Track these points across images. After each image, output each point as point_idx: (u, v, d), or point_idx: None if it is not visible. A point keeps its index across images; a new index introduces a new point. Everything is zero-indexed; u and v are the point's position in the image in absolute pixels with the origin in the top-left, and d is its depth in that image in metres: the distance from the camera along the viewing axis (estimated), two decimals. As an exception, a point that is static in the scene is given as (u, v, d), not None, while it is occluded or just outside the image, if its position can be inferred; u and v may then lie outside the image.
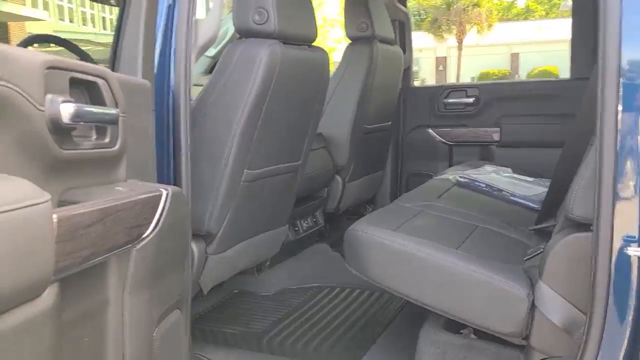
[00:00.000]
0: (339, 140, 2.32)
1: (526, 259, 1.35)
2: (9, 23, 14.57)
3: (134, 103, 1.03)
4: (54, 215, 0.66)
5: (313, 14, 1.66)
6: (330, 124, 2.31)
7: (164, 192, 0.96)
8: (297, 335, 1.66)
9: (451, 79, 25.02)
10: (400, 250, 1.32)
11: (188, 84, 1.26)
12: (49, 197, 0.65)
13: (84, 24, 18.38)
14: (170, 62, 1.24)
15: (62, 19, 17.19)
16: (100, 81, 0.89)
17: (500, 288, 1.21)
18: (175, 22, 1.24)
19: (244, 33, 1.50)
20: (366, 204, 2.77)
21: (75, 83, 0.84)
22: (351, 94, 2.28)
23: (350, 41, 2.37)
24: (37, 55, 0.76)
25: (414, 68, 3.18)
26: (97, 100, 0.89)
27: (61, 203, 0.80)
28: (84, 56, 1.90)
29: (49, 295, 0.68)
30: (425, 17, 25.83)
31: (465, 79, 24.17)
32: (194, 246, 1.49)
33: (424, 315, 1.41)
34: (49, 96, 0.75)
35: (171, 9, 1.24)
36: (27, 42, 2.03)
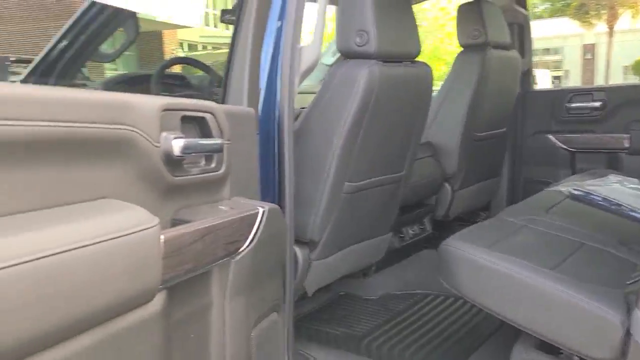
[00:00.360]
0: (448, 148, 2.33)
1: (629, 283, 1.29)
2: (163, 31, 16.19)
3: (239, 129, 1.17)
4: (162, 237, 0.82)
5: (415, 31, 1.71)
6: (439, 132, 2.33)
7: (261, 210, 1.09)
8: (395, 340, 1.73)
9: (600, 68, 22.99)
10: (491, 268, 1.34)
11: (291, 108, 1.38)
12: (158, 221, 0.81)
13: (226, 29, 19.78)
14: (276, 88, 1.38)
15: (207, 25, 18.67)
16: (207, 115, 1.05)
17: (592, 312, 1.18)
18: (281, 50, 1.38)
19: (346, 54, 1.60)
20: (480, 211, 2.74)
21: (187, 119, 1.00)
22: (461, 103, 2.27)
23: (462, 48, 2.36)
24: (155, 100, 0.92)
25: (556, 57, 3.04)
26: (206, 132, 1.05)
27: (173, 221, 0.97)
28: (213, 74, 2.13)
29: (158, 301, 0.83)
30: (570, 1, 23.97)
31: (617, 68, 22.09)
32: (298, 252, 1.63)
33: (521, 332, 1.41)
34: (163, 134, 0.91)
35: (278, 40, 1.38)
36: (169, 64, 2.32)
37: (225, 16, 1.87)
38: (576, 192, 1.94)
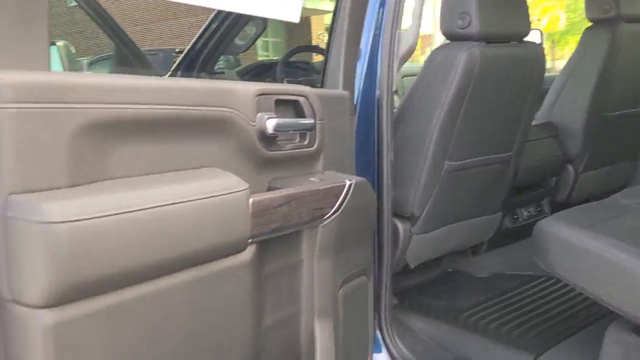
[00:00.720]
0: (571, 129, 2.24)
1: None
2: (311, 17, 16.83)
3: (333, 111, 1.31)
4: (250, 199, 0.99)
5: (525, 11, 1.70)
6: (563, 112, 2.25)
7: (347, 183, 1.23)
8: (495, 316, 1.76)
9: None
10: (582, 248, 1.33)
11: (390, 90, 1.49)
12: (247, 186, 0.98)
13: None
14: (377, 72, 1.50)
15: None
16: (301, 99, 1.20)
17: None
18: (381, 36, 1.48)
19: (448, 37, 1.65)
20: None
21: (283, 102, 1.16)
22: (587, 81, 2.17)
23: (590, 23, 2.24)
24: (252, 86, 1.09)
25: None
26: (299, 112, 1.20)
27: (268, 188, 1.14)
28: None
29: (249, 252, 1.01)
30: None
31: None
32: (399, 225, 1.74)
33: None
34: (258, 114, 1.08)
35: (379, 25, 1.48)
36: (293, 52, 2.53)
37: None
38: None
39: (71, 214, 0.73)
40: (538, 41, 5.11)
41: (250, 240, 1.00)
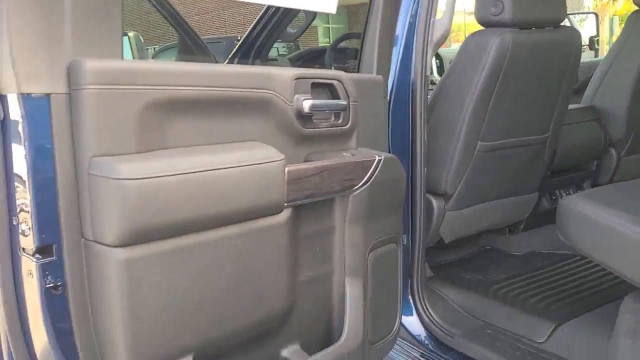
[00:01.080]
0: (614, 112, 2.26)
1: None
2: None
3: (367, 93, 1.45)
4: (286, 169, 1.15)
5: None
6: (606, 96, 2.27)
7: (377, 158, 1.36)
8: (523, 290, 1.86)
9: None
10: (602, 224, 1.40)
11: (424, 75, 1.61)
12: (283, 157, 1.14)
13: None
14: (412, 58, 1.62)
15: None
16: (335, 82, 1.34)
17: None
18: (417, 23, 1.60)
19: (482, 23, 1.74)
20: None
21: (319, 85, 1.31)
22: (631, 65, 2.18)
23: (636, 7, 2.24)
24: (290, 71, 1.25)
25: None
26: (334, 95, 1.35)
27: (306, 160, 1.30)
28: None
29: (285, 214, 1.17)
30: None
31: None
32: (433, 201, 1.86)
33: None
34: (296, 96, 1.24)
35: (415, 13, 1.60)
36: (341, 39, 2.66)
37: None
38: None
39: (139, 173, 0.91)
40: (593, 26, 5.00)
41: (286, 204, 1.16)
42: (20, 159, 0.92)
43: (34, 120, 0.91)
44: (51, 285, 0.95)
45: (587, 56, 4.45)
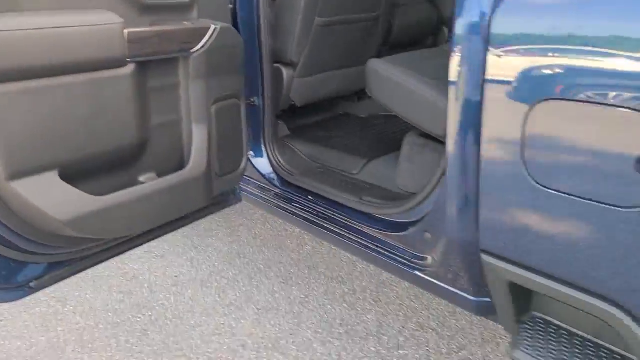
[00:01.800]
0: None
1: None
2: None
3: None
4: (126, 30, 1.47)
5: None
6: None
7: (213, 27, 1.69)
8: (352, 139, 2.33)
9: None
10: (391, 79, 1.82)
11: None
12: (122, 21, 1.45)
13: None
14: None
15: None
16: None
17: (435, 104, 1.65)
18: None
19: None
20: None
21: None
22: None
23: None
24: None
25: None
26: None
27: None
28: None
29: (129, 68, 1.50)
30: None
31: None
32: (284, 70, 2.24)
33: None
34: None
35: None
36: None
37: None
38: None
39: None
40: None
41: (129, 59, 1.49)
42: None
43: None
44: None
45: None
